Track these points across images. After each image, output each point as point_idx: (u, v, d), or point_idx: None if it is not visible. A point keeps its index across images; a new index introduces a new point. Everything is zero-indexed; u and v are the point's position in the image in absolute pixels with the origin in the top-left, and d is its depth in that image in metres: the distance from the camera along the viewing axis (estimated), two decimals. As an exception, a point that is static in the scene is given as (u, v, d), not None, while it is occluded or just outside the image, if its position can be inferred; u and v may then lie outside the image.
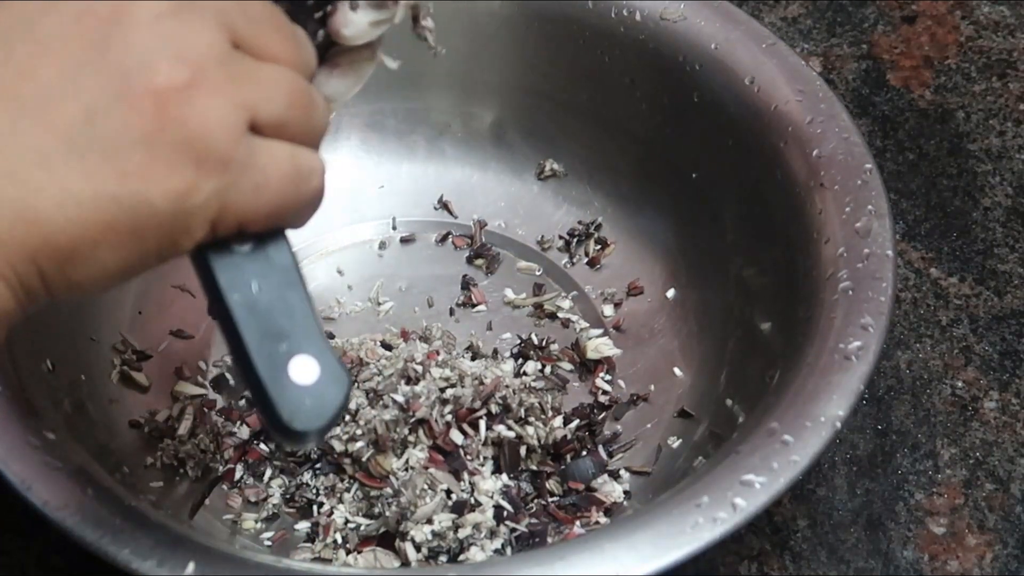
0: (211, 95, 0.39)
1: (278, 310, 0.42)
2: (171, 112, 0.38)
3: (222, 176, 0.39)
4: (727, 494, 0.51)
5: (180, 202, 0.39)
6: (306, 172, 0.42)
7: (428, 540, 0.60)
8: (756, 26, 0.71)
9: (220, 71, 0.39)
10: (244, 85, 0.40)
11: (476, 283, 0.76)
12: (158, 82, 0.38)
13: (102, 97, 0.38)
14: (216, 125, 0.39)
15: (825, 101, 0.67)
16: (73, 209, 0.38)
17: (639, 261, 0.76)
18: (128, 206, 0.38)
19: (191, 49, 0.39)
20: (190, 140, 0.38)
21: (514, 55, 0.77)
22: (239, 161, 0.40)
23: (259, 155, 0.40)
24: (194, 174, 0.39)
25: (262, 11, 0.42)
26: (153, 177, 0.38)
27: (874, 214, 0.62)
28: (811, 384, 0.55)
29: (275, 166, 0.41)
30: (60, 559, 0.63)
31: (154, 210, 0.38)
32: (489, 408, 0.64)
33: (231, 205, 0.40)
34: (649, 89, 0.74)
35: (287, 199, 0.42)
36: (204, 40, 0.39)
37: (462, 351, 0.70)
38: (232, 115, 0.39)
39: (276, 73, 0.42)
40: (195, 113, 0.38)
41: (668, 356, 0.71)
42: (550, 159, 0.79)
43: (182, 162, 0.38)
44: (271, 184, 0.41)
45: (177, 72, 0.38)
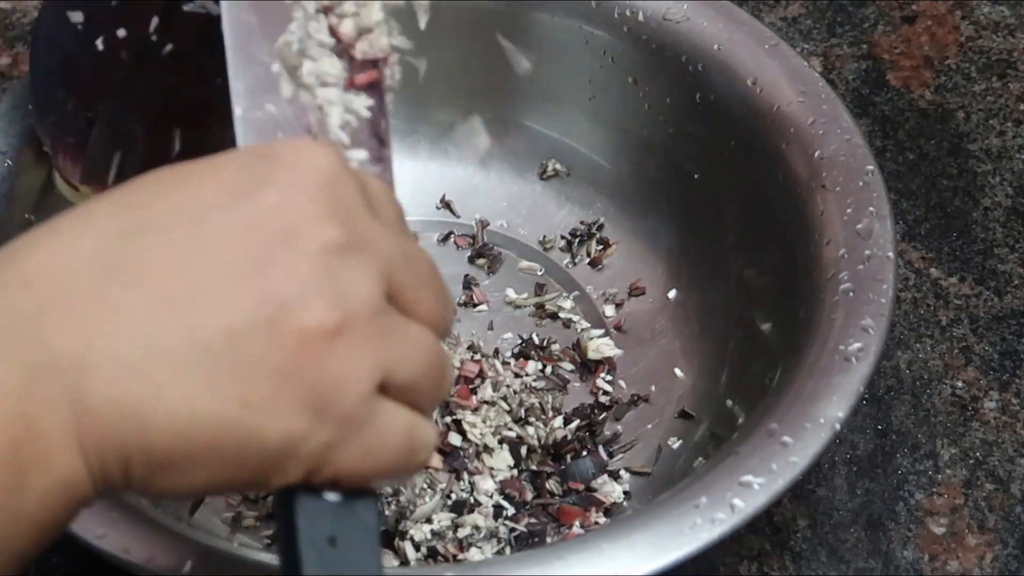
0: (354, 348, 0.37)
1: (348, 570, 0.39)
2: (311, 355, 0.36)
3: (338, 431, 0.37)
4: (726, 495, 0.51)
5: (290, 445, 0.37)
6: (419, 445, 0.40)
7: (427, 539, 0.61)
8: (759, 27, 0.71)
9: (370, 325, 0.37)
10: (388, 343, 0.38)
11: (478, 283, 0.76)
12: (309, 321, 0.36)
13: (249, 319, 0.36)
14: (350, 380, 0.37)
15: (827, 102, 0.67)
16: (185, 423, 0.36)
17: (641, 261, 0.76)
18: (240, 435, 0.36)
19: (349, 296, 0.37)
20: (320, 388, 0.36)
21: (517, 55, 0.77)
22: (358, 420, 0.38)
23: (380, 419, 0.38)
24: (312, 421, 0.37)
25: (425, 267, 0.41)
26: (274, 414, 0.36)
27: (875, 216, 0.62)
28: (811, 385, 0.55)
29: (392, 434, 0.39)
30: (60, 559, 0.63)
31: (263, 446, 0.36)
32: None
33: (335, 460, 0.38)
34: (652, 89, 0.74)
35: (393, 468, 0.40)
36: (364, 289, 0.37)
37: (463, 350, 0.70)
38: (368, 373, 0.37)
39: (420, 336, 0.40)
40: (334, 363, 0.36)
41: (669, 357, 0.71)
42: (553, 159, 0.79)
43: (305, 408, 0.36)
44: (383, 452, 0.39)
45: (330, 317, 0.36)
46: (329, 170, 0.38)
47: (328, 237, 0.37)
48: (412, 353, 0.39)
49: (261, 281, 0.36)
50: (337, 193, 0.38)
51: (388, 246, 0.39)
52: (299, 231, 0.37)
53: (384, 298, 0.38)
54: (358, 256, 0.38)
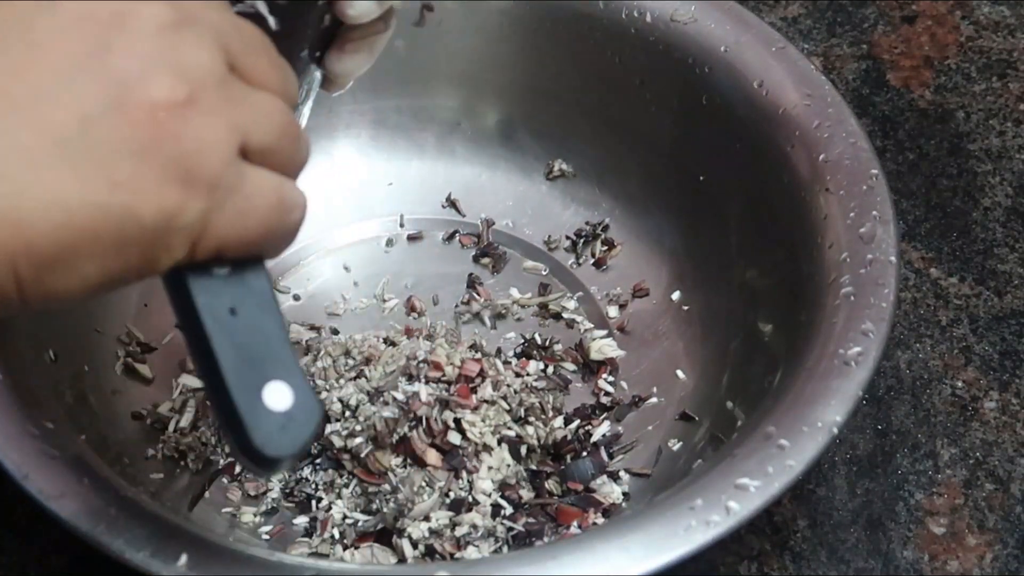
0: (207, 115, 0.38)
1: (254, 336, 0.41)
2: (167, 128, 0.37)
3: (210, 198, 0.39)
4: (721, 497, 0.51)
5: (167, 219, 0.38)
6: (290, 204, 0.42)
7: (425, 537, 0.61)
8: (766, 29, 0.71)
9: (217, 92, 0.39)
10: (238, 109, 0.40)
11: (482, 282, 0.76)
12: (157, 96, 0.37)
13: (98, 104, 0.37)
14: (209, 146, 0.38)
15: (833, 106, 0.67)
16: (59, 214, 0.36)
17: (645, 263, 0.76)
18: (115, 217, 0.37)
19: (191, 66, 0.38)
20: (182, 158, 0.38)
21: (525, 55, 0.77)
22: (227, 185, 0.39)
23: (247, 181, 0.40)
24: (183, 193, 0.38)
25: (256, 36, 0.42)
26: (143, 191, 0.37)
27: (879, 220, 0.61)
28: (810, 389, 0.55)
29: (262, 194, 0.40)
30: (60, 559, 0.63)
31: (141, 224, 0.38)
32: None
33: (214, 228, 0.39)
34: (659, 91, 0.74)
35: (270, 228, 0.41)
36: (204, 58, 0.39)
37: (464, 349, 0.70)
38: (225, 138, 0.39)
39: (268, 101, 0.41)
40: (190, 132, 0.38)
41: (671, 358, 0.71)
42: (559, 159, 0.79)
43: (173, 179, 0.38)
44: (257, 212, 0.40)
45: (177, 88, 0.38)
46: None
47: (157, 13, 0.38)
48: (264, 118, 0.41)
49: (101, 65, 0.37)
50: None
51: (216, 18, 0.40)
52: (129, 13, 0.38)
53: (225, 67, 0.40)
54: (191, 28, 0.39)
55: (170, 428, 0.66)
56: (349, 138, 0.80)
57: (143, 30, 0.38)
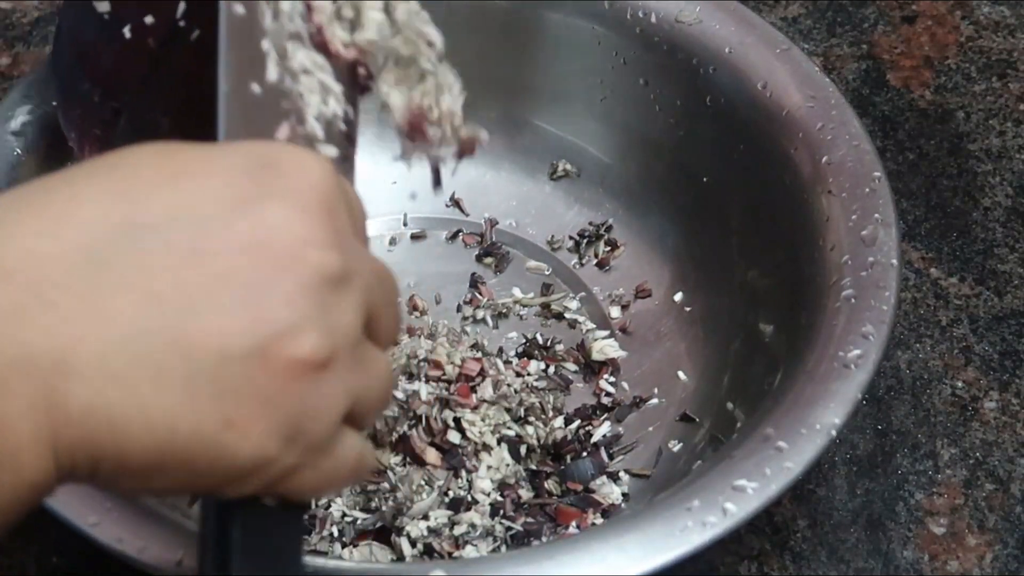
0: (334, 381, 0.37)
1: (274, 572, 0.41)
2: (297, 385, 0.36)
3: (303, 457, 0.38)
4: (718, 499, 0.51)
5: (258, 467, 0.37)
6: (363, 470, 0.41)
7: (424, 536, 0.61)
8: (771, 30, 0.71)
9: (349, 357, 0.38)
10: (360, 374, 0.39)
11: (484, 281, 0.76)
12: (300, 353, 0.36)
13: (243, 343, 0.35)
14: (326, 411, 0.37)
15: (836, 108, 0.67)
16: (164, 436, 0.35)
17: (648, 263, 0.76)
18: (214, 453, 0.36)
19: (339, 328, 0.37)
20: (298, 416, 0.37)
21: (529, 54, 0.77)
22: (324, 449, 0.38)
23: (340, 446, 0.39)
24: (283, 447, 0.37)
25: (391, 289, 0.42)
26: (251, 436, 0.36)
27: (881, 222, 0.61)
28: (809, 391, 0.55)
29: (347, 461, 0.40)
30: (60, 559, 0.63)
31: (233, 465, 0.36)
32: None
33: (292, 481, 0.38)
34: (663, 91, 0.74)
35: (340, 489, 0.41)
36: (351, 321, 0.38)
37: (465, 348, 0.70)
38: (341, 403, 0.38)
39: (382, 364, 0.40)
40: (316, 394, 0.37)
41: (673, 359, 0.71)
42: (563, 159, 0.79)
43: (281, 432, 0.37)
44: (338, 475, 0.40)
45: (320, 350, 0.36)
46: (328, 188, 0.38)
47: (326, 267, 0.37)
48: (376, 384, 0.40)
49: (257, 305, 0.36)
50: (334, 214, 0.38)
51: (368, 272, 0.39)
52: (298, 257, 0.36)
53: (362, 329, 0.39)
54: (348, 287, 0.38)
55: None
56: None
57: (308, 281, 0.36)
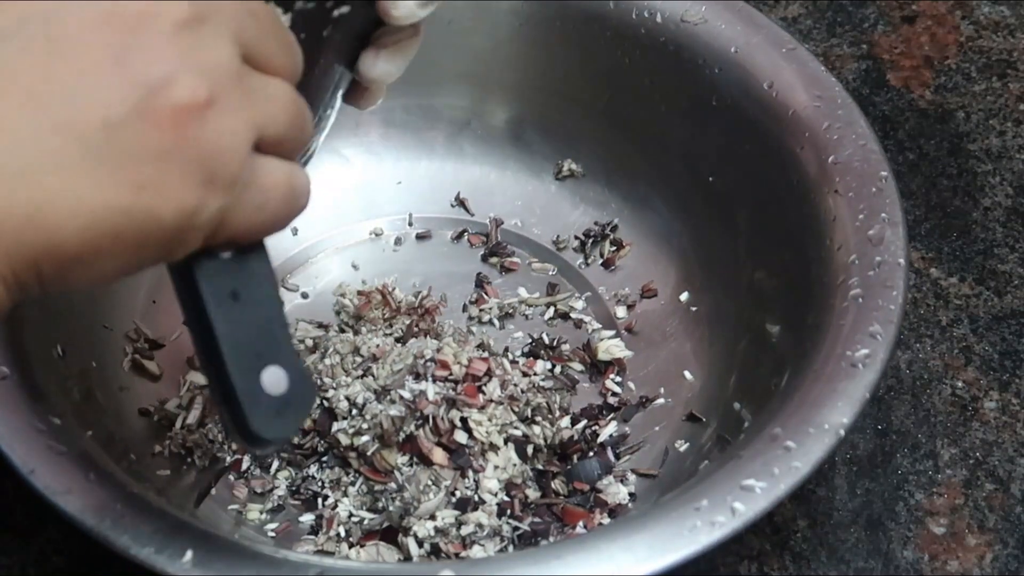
0: (226, 114, 0.39)
1: (254, 320, 0.42)
2: (188, 130, 0.38)
3: (227, 195, 0.39)
4: (726, 498, 0.51)
5: (187, 219, 0.39)
6: (299, 190, 0.42)
7: (431, 536, 0.61)
8: (777, 30, 0.71)
9: (235, 89, 0.39)
10: (254, 103, 0.40)
11: (490, 281, 0.76)
12: (179, 98, 0.38)
13: (122, 107, 0.37)
14: (228, 145, 0.39)
15: (843, 107, 0.67)
16: (84, 218, 0.37)
17: (654, 263, 0.75)
18: (138, 219, 0.38)
19: (210, 65, 0.38)
20: (203, 158, 0.38)
21: (534, 54, 0.77)
22: (244, 181, 0.40)
23: (261, 175, 0.40)
24: (203, 192, 0.38)
25: (269, 19, 0.42)
26: (165, 192, 0.38)
27: (887, 222, 0.61)
28: (816, 391, 0.55)
29: (275, 186, 0.41)
30: (60, 559, 0.63)
31: (161, 225, 0.38)
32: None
33: (230, 222, 0.40)
34: (668, 91, 0.74)
35: (281, 217, 0.42)
36: (223, 55, 0.39)
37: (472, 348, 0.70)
38: (243, 135, 0.39)
39: (280, 90, 0.41)
40: (210, 133, 0.38)
41: (679, 359, 0.71)
42: (568, 159, 0.79)
43: (194, 180, 0.38)
44: (270, 203, 0.41)
45: (198, 91, 0.38)
46: None
47: (179, 13, 0.38)
48: (277, 109, 0.41)
49: (125, 68, 0.37)
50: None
51: (232, 7, 0.40)
52: (148, 13, 0.38)
53: (241, 59, 0.40)
54: (208, 25, 0.39)
55: (177, 425, 0.66)
56: (358, 137, 0.80)
57: (164, 31, 0.38)
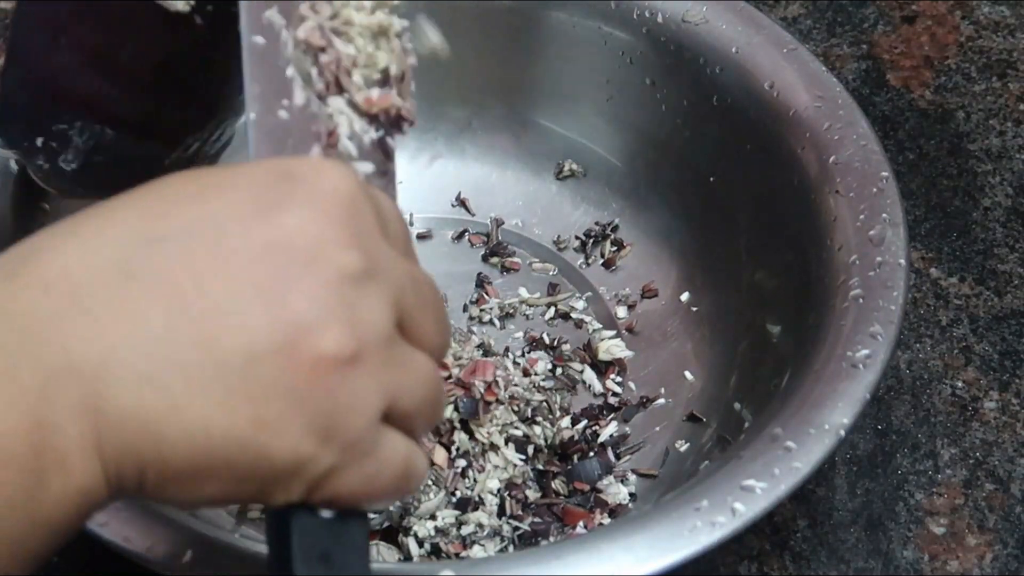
0: (365, 377, 0.37)
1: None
2: (325, 381, 0.37)
3: (342, 456, 0.38)
4: (727, 499, 0.51)
5: (297, 466, 0.37)
6: (414, 474, 0.41)
7: (431, 536, 0.61)
8: (778, 30, 0.71)
9: (380, 353, 0.38)
10: (395, 372, 0.39)
11: (490, 281, 0.76)
12: (325, 348, 0.36)
13: (268, 342, 0.36)
14: (358, 407, 0.38)
15: (844, 107, 0.67)
16: (201, 439, 0.36)
17: (654, 263, 0.75)
18: (251, 455, 0.37)
19: (364, 323, 0.37)
20: (330, 413, 0.37)
21: (536, 54, 0.77)
22: (363, 448, 0.38)
23: (382, 447, 0.39)
24: (320, 445, 0.37)
25: (430, 293, 0.41)
26: (285, 435, 0.37)
27: (888, 222, 0.61)
28: (817, 391, 0.55)
29: (391, 462, 0.40)
30: (60, 559, 0.63)
31: (271, 466, 0.37)
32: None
33: (337, 482, 0.38)
34: (669, 91, 0.74)
35: (390, 493, 0.40)
36: (379, 318, 0.38)
37: (472, 348, 0.70)
38: (375, 401, 0.38)
39: (423, 365, 0.40)
40: (346, 390, 0.37)
41: (680, 359, 0.71)
42: (569, 159, 0.79)
43: (315, 431, 0.37)
44: (382, 477, 0.39)
45: (346, 344, 0.37)
46: (349, 192, 0.38)
47: (347, 264, 0.37)
48: (416, 383, 0.40)
49: (281, 304, 0.36)
50: (356, 217, 0.38)
51: (399, 272, 0.39)
52: (319, 256, 0.37)
53: (394, 326, 0.39)
54: (373, 284, 0.38)
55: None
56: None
57: (328, 277, 0.37)
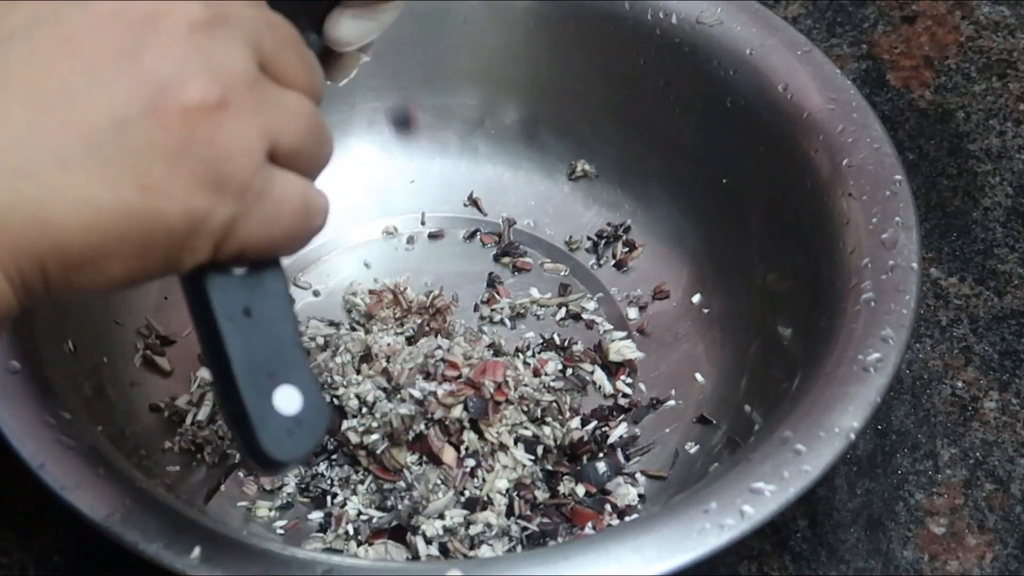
0: (239, 119, 0.38)
1: (267, 338, 0.41)
2: (199, 131, 0.37)
3: (238, 203, 0.38)
4: (736, 501, 0.51)
5: (194, 223, 0.38)
6: (315, 208, 0.42)
7: (439, 535, 0.61)
8: (792, 32, 0.71)
9: (249, 94, 0.38)
10: (269, 112, 0.39)
11: (502, 281, 0.76)
12: (190, 99, 0.37)
13: (131, 106, 0.36)
14: (240, 151, 0.38)
15: (858, 110, 0.66)
16: (90, 217, 0.36)
17: (666, 265, 0.75)
18: (145, 220, 0.37)
19: (224, 68, 0.38)
20: (213, 162, 0.37)
21: (549, 54, 0.77)
22: (255, 190, 0.39)
23: (275, 186, 0.40)
24: (212, 198, 0.38)
25: (287, 33, 0.42)
26: (173, 195, 0.37)
27: (901, 226, 0.61)
28: (827, 394, 0.55)
29: (288, 200, 0.40)
30: (60, 559, 0.63)
31: (169, 228, 0.37)
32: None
33: (240, 232, 0.39)
34: (683, 93, 0.74)
35: (294, 233, 0.41)
36: (237, 60, 0.38)
37: (482, 348, 0.70)
38: (256, 142, 0.39)
39: (297, 101, 0.41)
40: (222, 136, 0.37)
41: (690, 361, 0.71)
42: (582, 160, 0.79)
43: (202, 184, 0.37)
44: (282, 217, 0.40)
45: (210, 91, 0.37)
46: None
47: (191, 13, 0.38)
48: (293, 119, 0.40)
49: (135, 67, 0.37)
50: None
51: (249, 16, 0.40)
52: (161, 12, 0.37)
53: (257, 67, 0.39)
54: (224, 29, 0.38)
55: (187, 421, 0.66)
56: (372, 135, 0.80)
57: (176, 30, 0.37)
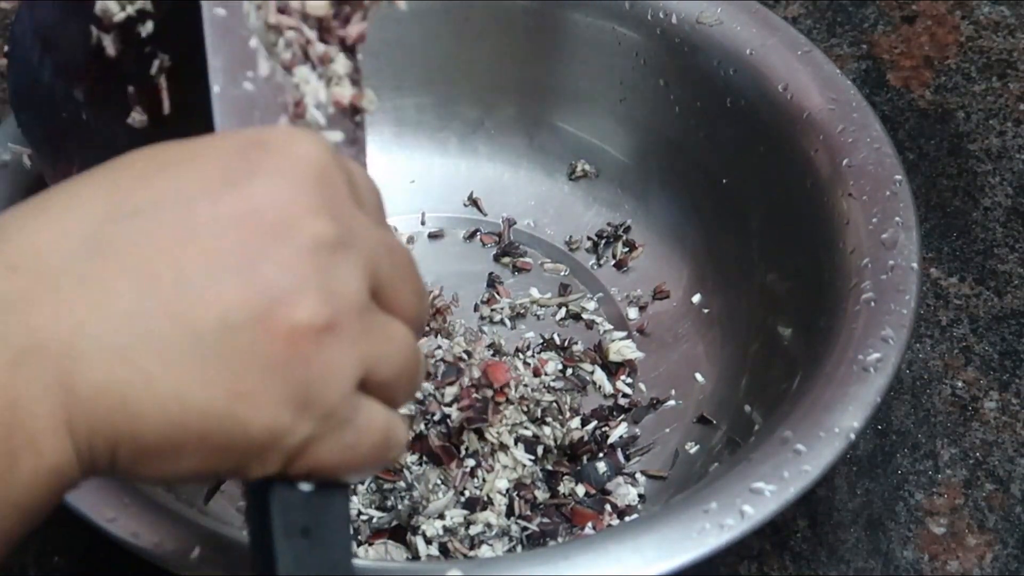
0: (341, 344, 0.37)
1: (321, 563, 0.39)
2: (300, 350, 0.36)
3: (320, 425, 0.37)
4: (736, 501, 0.51)
5: (274, 437, 0.37)
6: (394, 442, 0.40)
7: (439, 535, 0.61)
8: (792, 32, 0.71)
9: (356, 321, 0.38)
10: (371, 340, 0.38)
11: (502, 281, 0.76)
12: (299, 318, 0.36)
13: (241, 311, 0.36)
14: (335, 376, 0.37)
15: (858, 110, 0.66)
16: (176, 413, 0.35)
17: (666, 265, 0.75)
18: (228, 426, 0.36)
19: (339, 292, 0.37)
20: (306, 382, 0.37)
21: (549, 54, 0.77)
22: (340, 416, 0.38)
23: (360, 415, 0.39)
24: (297, 415, 0.37)
25: (405, 261, 0.41)
26: (261, 406, 0.36)
27: (901, 226, 0.61)
28: (828, 394, 0.55)
29: (370, 431, 0.39)
30: (60, 559, 0.63)
31: (248, 437, 0.36)
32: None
33: (315, 453, 0.38)
34: (683, 92, 0.74)
35: (369, 464, 0.40)
36: (353, 284, 0.37)
37: (483, 348, 0.70)
38: (351, 370, 0.38)
39: (400, 334, 0.40)
40: (321, 358, 0.37)
41: (691, 361, 0.71)
42: (582, 160, 0.79)
43: (291, 400, 0.36)
44: (361, 447, 0.39)
45: (320, 313, 0.36)
46: (319, 161, 0.38)
47: (319, 232, 0.37)
48: (393, 351, 0.39)
49: (253, 273, 0.36)
50: (327, 184, 0.38)
51: (373, 241, 0.39)
52: (291, 225, 0.37)
53: (369, 293, 0.39)
54: (347, 252, 0.37)
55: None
56: (371, 135, 0.78)
57: (302, 246, 0.36)
